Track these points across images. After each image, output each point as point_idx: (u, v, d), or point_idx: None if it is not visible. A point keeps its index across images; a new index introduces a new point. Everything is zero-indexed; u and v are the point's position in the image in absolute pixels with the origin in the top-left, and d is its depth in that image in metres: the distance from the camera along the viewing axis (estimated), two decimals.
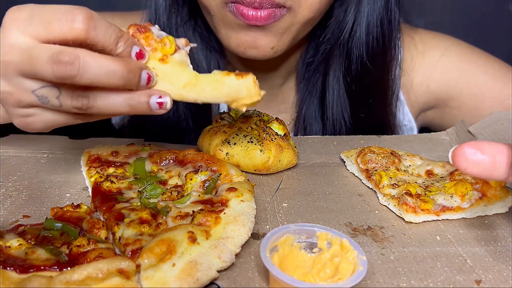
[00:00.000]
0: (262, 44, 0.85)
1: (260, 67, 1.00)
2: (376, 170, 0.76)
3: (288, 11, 0.81)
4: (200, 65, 1.00)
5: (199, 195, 0.65)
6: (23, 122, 0.59)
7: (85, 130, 0.94)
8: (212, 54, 1.01)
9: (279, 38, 0.85)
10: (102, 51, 0.55)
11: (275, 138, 0.77)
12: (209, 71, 0.60)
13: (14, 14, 0.54)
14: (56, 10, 0.54)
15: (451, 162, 0.50)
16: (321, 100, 1.00)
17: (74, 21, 0.53)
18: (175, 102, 0.59)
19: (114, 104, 0.57)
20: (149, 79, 0.58)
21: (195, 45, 0.63)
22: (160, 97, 0.58)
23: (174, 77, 0.59)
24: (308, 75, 1.02)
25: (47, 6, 0.55)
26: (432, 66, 1.03)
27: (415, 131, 1.09)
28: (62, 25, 0.53)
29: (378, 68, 0.96)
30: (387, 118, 1.02)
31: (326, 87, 0.99)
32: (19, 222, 0.63)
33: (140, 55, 0.58)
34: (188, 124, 1.01)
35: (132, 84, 0.56)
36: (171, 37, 0.60)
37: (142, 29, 0.60)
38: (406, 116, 1.07)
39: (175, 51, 0.60)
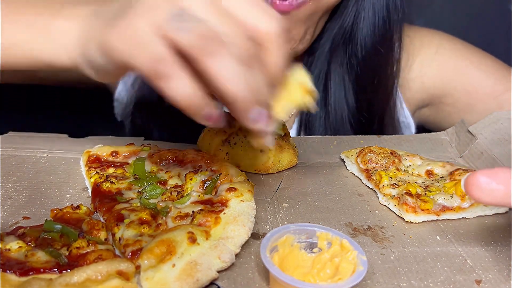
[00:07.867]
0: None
1: None
2: (376, 170, 0.76)
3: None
4: None
5: (199, 195, 0.64)
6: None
7: (84, 126, 0.93)
8: None
9: (303, 27, 0.87)
10: None
11: (275, 138, 0.77)
12: None
13: None
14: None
15: (464, 191, 0.49)
16: (324, 88, 1.00)
17: None
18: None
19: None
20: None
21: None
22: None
23: None
24: (311, 62, 1.01)
25: None
26: (426, 63, 1.04)
27: (413, 128, 1.09)
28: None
29: (383, 51, 0.96)
30: (388, 106, 1.02)
31: (329, 74, 0.98)
32: (19, 224, 0.62)
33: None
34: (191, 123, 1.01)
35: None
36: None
37: None
38: (403, 112, 1.07)
39: None
